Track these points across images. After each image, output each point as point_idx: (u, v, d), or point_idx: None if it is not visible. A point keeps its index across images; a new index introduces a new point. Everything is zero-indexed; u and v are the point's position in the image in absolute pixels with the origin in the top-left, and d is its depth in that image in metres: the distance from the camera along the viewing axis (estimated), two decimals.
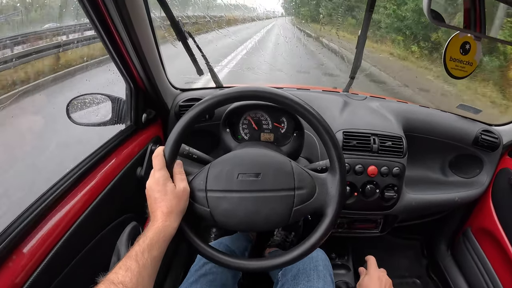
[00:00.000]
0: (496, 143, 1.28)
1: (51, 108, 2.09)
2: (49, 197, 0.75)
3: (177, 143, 0.73)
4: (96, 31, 0.84)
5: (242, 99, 0.76)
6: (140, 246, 0.61)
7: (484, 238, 1.36)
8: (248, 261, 0.75)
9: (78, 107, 1.07)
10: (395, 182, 1.11)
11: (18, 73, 2.08)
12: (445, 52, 0.85)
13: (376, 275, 0.97)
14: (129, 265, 0.58)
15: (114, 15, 0.78)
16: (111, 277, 0.56)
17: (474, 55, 0.88)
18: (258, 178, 0.72)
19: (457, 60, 0.87)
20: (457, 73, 0.89)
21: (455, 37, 0.84)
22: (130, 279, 0.56)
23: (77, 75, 2.57)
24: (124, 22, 0.80)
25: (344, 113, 1.21)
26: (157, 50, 1.02)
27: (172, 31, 1.08)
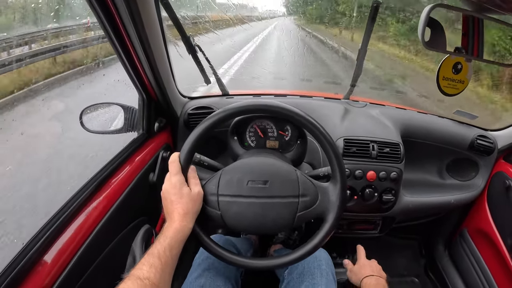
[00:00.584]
0: (491, 148, 1.33)
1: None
2: (69, 207, 0.80)
3: (192, 149, 0.79)
4: (113, 47, 0.89)
5: (254, 112, 0.82)
6: (161, 245, 0.65)
7: (480, 239, 1.41)
8: (256, 260, 0.82)
9: (91, 115, 1.12)
10: (393, 186, 1.17)
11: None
12: (438, 72, 0.91)
13: (367, 262, 1.04)
14: (152, 262, 0.62)
15: (130, 30, 0.83)
16: (137, 273, 0.59)
17: (465, 74, 0.94)
18: (266, 185, 0.78)
19: (450, 79, 0.93)
20: (450, 91, 0.94)
21: (447, 58, 0.89)
22: (154, 275, 0.60)
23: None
24: (141, 41, 0.85)
25: (345, 121, 1.26)
26: (169, 61, 1.07)
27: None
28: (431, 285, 1.64)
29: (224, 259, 0.81)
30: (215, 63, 1.26)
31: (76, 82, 2.93)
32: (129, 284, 0.57)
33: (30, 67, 2.39)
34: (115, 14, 0.78)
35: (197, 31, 1.40)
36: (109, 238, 0.90)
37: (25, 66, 2.27)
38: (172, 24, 1.07)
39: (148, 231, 1.01)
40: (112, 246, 0.91)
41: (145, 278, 0.58)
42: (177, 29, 1.06)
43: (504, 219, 1.28)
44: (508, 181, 1.25)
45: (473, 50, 0.85)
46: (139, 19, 0.79)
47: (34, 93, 2.32)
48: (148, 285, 0.58)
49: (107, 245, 0.89)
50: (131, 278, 0.58)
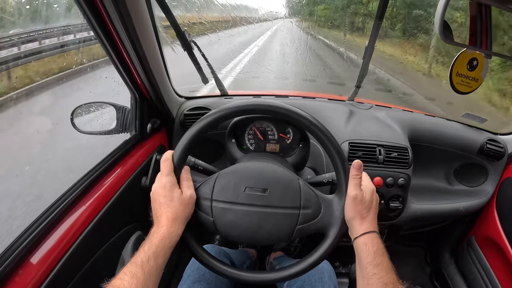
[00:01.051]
0: (501, 152, 1.28)
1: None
2: (56, 208, 0.76)
3: (186, 149, 0.73)
4: (99, 41, 0.84)
5: (253, 112, 0.76)
6: (146, 253, 0.60)
7: (488, 247, 1.36)
8: (250, 273, 0.76)
9: (82, 115, 1.08)
10: (400, 193, 1.12)
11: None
12: (452, 67, 0.86)
13: (372, 187, 0.78)
14: (135, 272, 0.57)
15: (118, 26, 0.78)
16: (117, 283, 0.55)
17: (480, 71, 0.89)
18: (265, 193, 0.72)
19: (463, 76, 0.88)
20: (462, 88, 0.90)
21: (463, 53, 0.84)
22: (136, 286, 0.55)
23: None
24: (128, 32, 0.80)
25: (350, 123, 1.21)
26: (162, 58, 1.02)
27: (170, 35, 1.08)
28: None
29: (216, 270, 0.75)
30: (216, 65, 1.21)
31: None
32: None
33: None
34: (100, 7, 0.73)
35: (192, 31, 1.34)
36: (98, 243, 0.86)
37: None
38: (169, 24, 1.02)
39: (140, 238, 0.96)
40: (101, 252, 0.87)
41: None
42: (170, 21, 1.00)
43: None
44: None
45: (481, 43, 0.79)
46: (125, 12, 0.74)
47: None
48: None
49: (96, 250, 0.85)
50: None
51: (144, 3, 0.82)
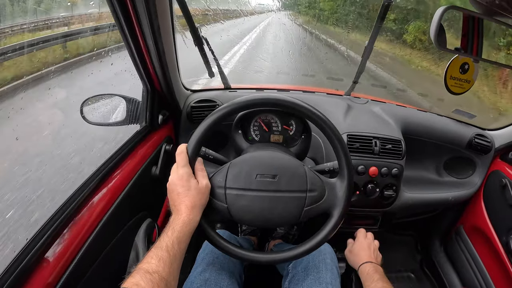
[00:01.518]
0: (488, 147, 1.35)
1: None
2: (73, 202, 0.79)
3: (200, 142, 0.78)
4: (122, 34, 0.88)
5: (265, 106, 0.82)
6: (169, 238, 0.64)
7: (476, 236, 1.44)
8: (261, 254, 0.82)
9: (93, 107, 1.10)
10: (394, 182, 1.19)
11: None
12: (446, 71, 0.93)
13: (366, 243, 1.05)
14: (161, 255, 0.61)
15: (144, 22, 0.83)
16: (145, 266, 0.58)
17: (472, 74, 0.96)
18: (274, 179, 0.78)
19: (457, 79, 0.95)
20: (456, 90, 0.97)
21: (455, 58, 0.91)
22: (163, 268, 0.59)
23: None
24: (153, 30, 0.84)
25: (348, 116, 1.27)
26: (176, 54, 1.06)
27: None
28: (427, 281, 1.66)
29: (229, 253, 0.81)
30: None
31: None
32: (138, 278, 0.55)
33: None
34: (129, 2, 0.77)
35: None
36: (113, 232, 0.89)
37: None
38: (179, 16, 1.06)
39: (150, 225, 1.01)
40: (116, 240, 0.90)
41: (154, 272, 0.57)
42: (187, 20, 1.05)
43: (500, 216, 1.30)
44: (504, 180, 1.28)
45: (472, 50, 0.87)
46: (153, 9, 0.78)
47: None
48: (157, 279, 0.57)
49: (111, 239, 0.88)
50: (139, 272, 0.57)
51: (168, 2, 0.87)
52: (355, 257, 1.03)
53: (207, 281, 0.88)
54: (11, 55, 1.87)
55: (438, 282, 1.60)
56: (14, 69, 2.01)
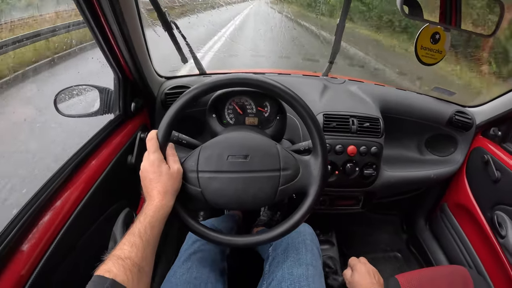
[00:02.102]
0: (469, 124, 1.35)
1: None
2: (44, 192, 0.77)
3: (170, 127, 0.77)
4: (86, 23, 0.85)
5: (232, 86, 0.81)
6: (141, 224, 0.64)
7: (460, 213, 1.45)
8: (238, 237, 0.81)
9: (66, 99, 1.08)
10: (374, 161, 1.18)
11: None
12: (417, 41, 0.92)
13: (364, 269, 0.98)
14: (133, 241, 0.61)
15: (106, 8, 0.80)
16: (117, 253, 0.58)
17: (443, 44, 0.94)
18: (246, 159, 0.77)
19: (427, 49, 0.94)
20: (427, 60, 0.96)
21: (425, 28, 0.90)
22: (135, 254, 0.59)
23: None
24: (115, 14, 0.82)
25: (324, 96, 1.26)
26: (145, 40, 1.04)
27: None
28: (414, 259, 1.68)
29: (206, 238, 0.80)
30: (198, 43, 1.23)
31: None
32: (110, 265, 0.55)
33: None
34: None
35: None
36: (89, 222, 0.89)
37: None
38: (151, 8, 1.04)
39: (129, 214, 1.00)
40: (92, 230, 0.89)
41: (126, 257, 0.57)
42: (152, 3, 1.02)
43: (483, 192, 1.31)
44: (486, 156, 1.28)
45: (451, 20, 0.86)
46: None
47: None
48: (129, 264, 0.57)
49: (87, 229, 0.87)
50: (112, 259, 0.57)
51: None
52: (357, 284, 0.97)
53: (189, 270, 0.88)
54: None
55: (425, 260, 1.62)
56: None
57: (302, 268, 0.87)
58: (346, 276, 1.01)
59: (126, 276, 0.54)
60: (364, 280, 0.95)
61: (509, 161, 1.20)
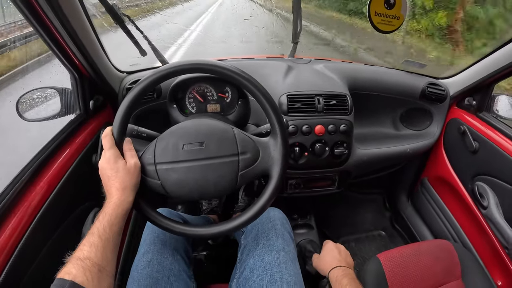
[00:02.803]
0: (443, 95, 1.34)
1: None
2: (5, 197, 0.76)
3: (124, 121, 0.75)
4: (27, 21, 0.82)
5: (181, 73, 0.79)
6: (100, 223, 0.64)
7: (441, 186, 1.45)
8: (203, 227, 0.79)
9: (27, 104, 1.06)
10: (344, 139, 1.16)
11: None
12: (369, 8, 0.87)
13: (333, 245, 0.99)
14: (92, 241, 0.60)
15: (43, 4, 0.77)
16: (77, 254, 0.58)
17: (399, 9, 0.91)
18: (202, 146, 0.75)
19: (383, 15, 0.90)
20: (384, 28, 0.91)
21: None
22: (95, 254, 0.59)
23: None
24: (54, 10, 0.79)
25: (288, 77, 1.24)
26: (95, 35, 1.01)
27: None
28: (398, 236, 1.68)
29: (171, 230, 0.79)
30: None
31: None
32: (69, 267, 0.56)
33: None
34: None
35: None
36: (55, 224, 0.87)
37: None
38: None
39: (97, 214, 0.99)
40: (60, 232, 0.88)
41: (85, 258, 0.57)
42: None
43: (462, 163, 1.31)
44: (463, 127, 1.27)
45: None
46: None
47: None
48: (89, 264, 0.57)
49: (54, 232, 0.86)
50: (72, 260, 0.57)
51: None
52: (323, 263, 0.97)
53: (150, 262, 0.86)
54: None
55: (409, 236, 1.62)
56: None
57: (273, 255, 0.86)
58: (314, 258, 1.00)
59: (85, 277, 0.55)
60: (329, 255, 0.96)
61: (486, 131, 1.19)
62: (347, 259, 0.96)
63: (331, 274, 0.90)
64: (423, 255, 1.02)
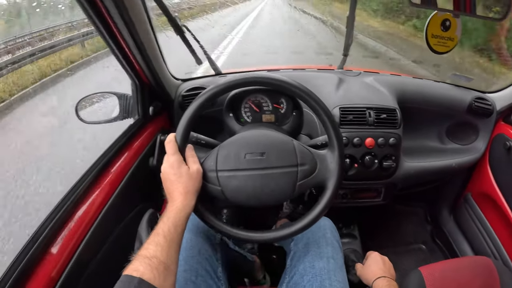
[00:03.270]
0: (489, 110, 1.32)
1: None
2: (70, 197, 0.81)
3: (187, 128, 0.79)
4: (100, 34, 0.88)
5: (244, 85, 0.83)
6: (165, 224, 0.66)
7: (484, 202, 1.41)
8: (259, 233, 0.82)
9: (86, 107, 1.12)
10: (393, 152, 1.17)
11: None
12: (426, 30, 0.89)
13: (378, 257, 0.99)
14: (158, 240, 0.63)
15: (117, 18, 0.82)
16: (143, 252, 0.60)
17: (455, 31, 0.92)
18: (263, 157, 0.78)
19: (439, 37, 0.91)
20: (440, 49, 0.93)
21: (434, 15, 0.88)
22: (161, 253, 0.61)
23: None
24: (126, 23, 0.84)
25: (340, 90, 1.25)
26: (158, 45, 1.06)
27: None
28: (439, 251, 1.65)
29: (228, 234, 0.82)
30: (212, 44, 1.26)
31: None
32: (137, 264, 0.58)
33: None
34: (99, 3, 0.77)
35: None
36: (114, 225, 0.92)
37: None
38: (159, 13, 1.06)
39: (153, 215, 1.02)
40: (118, 232, 0.92)
41: (152, 256, 0.59)
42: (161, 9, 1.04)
43: (507, 180, 1.27)
44: (509, 143, 1.24)
45: (465, 6, 0.84)
46: (122, 4, 0.79)
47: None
48: (155, 263, 0.59)
49: (112, 232, 0.91)
50: (138, 258, 0.59)
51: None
52: (367, 272, 0.97)
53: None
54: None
55: (450, 252, 1.58)
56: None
57: (323, 261, 0.88)
58: (358, 267, 1.01)
59: (153, 274, 0.56)
60: (375, 265, 0.96)
61: None
62: (391, 270, 0.96)
63: (375, 284, 0.90)
64: (463, 271, 1.01)
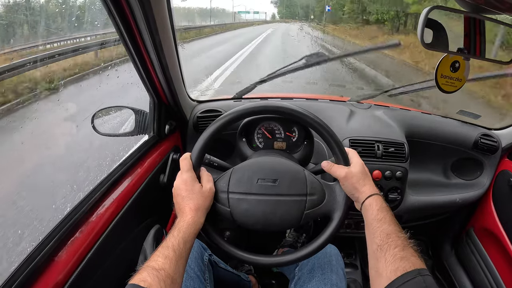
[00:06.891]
0: (495, 147, 1.34)
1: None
2: (82, 207, 0.82)
3: (203, 149, 0.82)
4: (127, 51, 0.92)
5: (264, 113, 0.86)
6: (175, 238, 0.67)
7: (486, 238, 1.41)
8: (265, 257, 0.84)
9: (103, 119, 1.15)
10: (398, 185, 1.19)
11: None
12: (437, 70, 0.93)
13: (360, 161, 0.84)
14: (167, 254, 0.64)
15: (147, 39, 0.86)
16: (152, 264, 0.61)
17: (463, 72, 0.96)
18: (275, 183, 0.81)
19: (448, 77, 0.95)
20: (448, 88, 0.96)
21: (445, 57, 0.91)
22: (169, 266, 0.61)
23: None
24: (155, 44, 0.88)
25: (350, 122, 1.29)
26: (180, 67, 1.11)
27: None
28: (439, 285, 1.63)
29: (233, 256, 0.83)
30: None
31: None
32: (145, 275, 0.58)
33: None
34: (130, 20, 0.81)
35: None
36: (121, 237, 0.93)
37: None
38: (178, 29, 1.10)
39: (159, 230, 1.04)
40: (124, 245, 0.93)
41: (160, 269, 0.60)
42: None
43: (510, 217, 1.28)
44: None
45: (475, 50, 0.88)
46: (153, 24, 0.82)
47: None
48: (163, 275, 0.59)
49: (119, 244, 0.92)
50: (146, 269, 0.59)
51: (167, 13, 0.89)
52: (357, 185, 0.79)
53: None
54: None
55: (450, 286, 1.57)
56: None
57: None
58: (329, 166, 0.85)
59: (160, 286, 0.57)
60: (366, 177, 0.82)
61: None
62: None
63: (367, 203, 0.77)
64: None
